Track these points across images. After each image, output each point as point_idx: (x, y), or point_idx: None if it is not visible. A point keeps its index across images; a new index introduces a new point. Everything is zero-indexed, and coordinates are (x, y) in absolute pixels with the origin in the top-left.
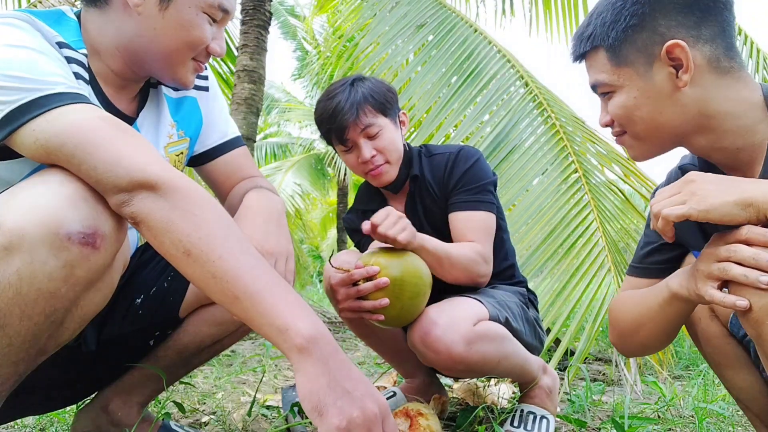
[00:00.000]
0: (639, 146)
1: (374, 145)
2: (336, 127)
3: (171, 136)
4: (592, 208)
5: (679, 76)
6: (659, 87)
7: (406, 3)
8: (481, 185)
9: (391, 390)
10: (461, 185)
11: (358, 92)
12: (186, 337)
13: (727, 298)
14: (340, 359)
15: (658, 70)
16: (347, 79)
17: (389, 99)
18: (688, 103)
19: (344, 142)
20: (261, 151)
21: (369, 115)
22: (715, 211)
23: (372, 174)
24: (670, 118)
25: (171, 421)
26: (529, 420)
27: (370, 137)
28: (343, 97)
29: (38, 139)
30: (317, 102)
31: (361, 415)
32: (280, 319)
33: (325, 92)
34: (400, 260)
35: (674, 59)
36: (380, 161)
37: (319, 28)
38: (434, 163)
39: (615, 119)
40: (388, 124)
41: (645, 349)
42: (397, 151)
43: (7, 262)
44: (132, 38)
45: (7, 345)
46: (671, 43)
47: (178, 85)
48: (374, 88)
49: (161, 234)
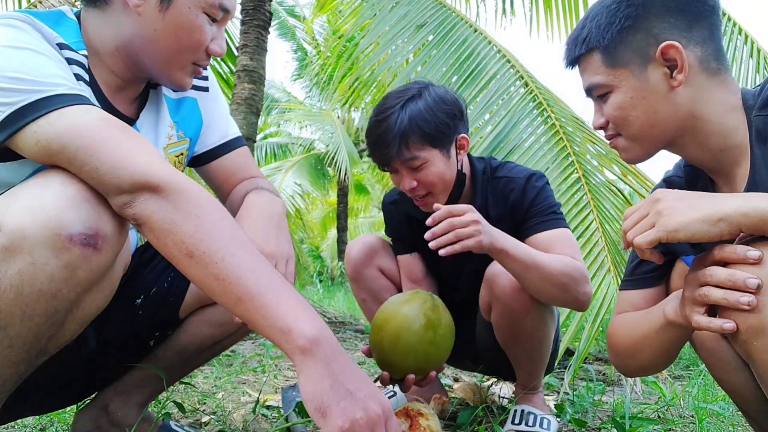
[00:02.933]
0: (632, 147)
1: (416, 177)
2: (378, 155)
3: (171, 137)
4: (592, 208)
5: (673, 76)
6: (654, 87)
7: (406, 3)
8: (554, 207)
9: (391, 390)
10: (535, 210)
11: (406, 117)
12: (186, 338)
13: (713, 322)
14: (343, 360)
15: (653, 70)
16: (404, 95)
17: (443, 127)
18: (680, 102)
19: (387, 169)
20: (261, 151)
21: (413, 149)
22: (684, 230)
23: (417, 203)
24: (664, 117)
25: (171, 421)
26: (530, 419)
27: (412, 169)
28: (391, 122)
29: (40, 140)
30: (369, 117)
31: (365, 417)
32: (282, 321)
33: (376, 109)
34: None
35: (669, 60)
36: (422, 192)
37: (319, 28)
38: (498, 187)
39: (611, 120)
40: (435, 156)
41: (644, 371)
42: (444, 183)
43: (9, 263)
44: (132, 39)
45: (8, 346)
46: (666, 44)
47: (174, 87)
48: (427, 112)
49: (164, 236)
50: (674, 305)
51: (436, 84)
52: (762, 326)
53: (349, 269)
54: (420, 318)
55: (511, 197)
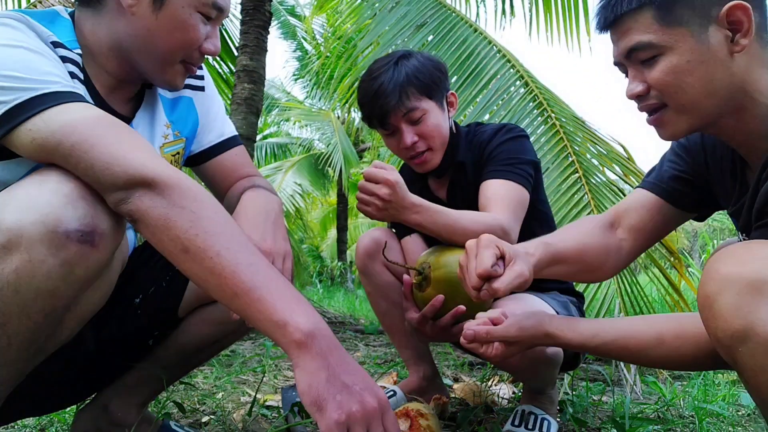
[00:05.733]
0: (678, 121)
1: (417, 131)
2: (377, 110)
3: (167, 136)
4: (592, 207)
5: (736, 40)
6: (714, 51)
7: (406, 3)
8: (517, 158)
9: (391, 389)
10: (494, 156)
11: (402, 72)
12: (185, 337)
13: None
14: (339, 354)
15: (714, 32)
16: (392, 56)
17: (436, 79)
18: (736, 72)
19: (386, 126)
20: (261, 151)
21: (412, 99)
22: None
23: (415, 162)
24: (719, 87)
25: (171, 421)
26: (530, 420)
27: (412, 122)
28: (386, 77)
29: (35, 138)
30: (360, 81)
31: (361, 410)
32: (278, 315)
33: (368, 70)
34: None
35: (732, 22)
36: (422, 148)
37: (319, 28)
38: (474, 143)
39: (659, 86)
40: (433, 108)
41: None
42: (441, 137)
43: (6, 260)
44: (125, 38)
45: (6, 344)
46: (735, 2)
47: (167, 87)
48: (420, 66)
49: (159, 231)
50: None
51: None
52: (746, 332)
53: (358, 263)
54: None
55: (480, 145)
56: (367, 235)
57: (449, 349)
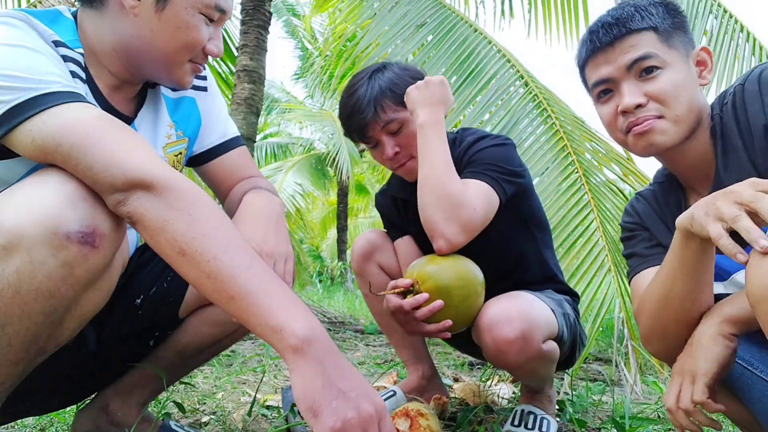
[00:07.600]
0: (673, 130)
1: (397, 142)
2: (355, 126)
3: (170, 136)
4: (592, 208)
5: (703, 75)
6: (694, 76)
7: (406, 3)
8: (492, 164)
9: (391, 389)
10: (473, 161)
11: (376, 86)
12: (186, 338)
13: (730, 246)
14: (336, 359)
15: (691, 64)
16: (368, 70)
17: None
18: (701, 99)
19: (366, 140)
20: (261, 151)
21: (388, 111)
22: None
23: (399, 171)
24: (697, 106)
25: (171, 421)
26: (530, 420)
27: (392, 133)
28: (361, 92)
29: (35, 139)
30: (340, 97)
31: (357, 416)
32: (274, 319)
33: (346, 86)
34: (446, 266)
35: (699, 62)
36: (405, 157)
37: (319, 27)
38: (460, 148)
39: (660, 96)
40: (410, 117)
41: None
42: None
43: (6, 261)
44: (128, 40)
45: (7, 345)
46: (705, 47)
47: (176, 86)
48: (395, 78)
49: (157, 234)
50: (690, 210)
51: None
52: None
53: (353, 265)
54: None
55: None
56: (361, 237)
57: (449, 349)
